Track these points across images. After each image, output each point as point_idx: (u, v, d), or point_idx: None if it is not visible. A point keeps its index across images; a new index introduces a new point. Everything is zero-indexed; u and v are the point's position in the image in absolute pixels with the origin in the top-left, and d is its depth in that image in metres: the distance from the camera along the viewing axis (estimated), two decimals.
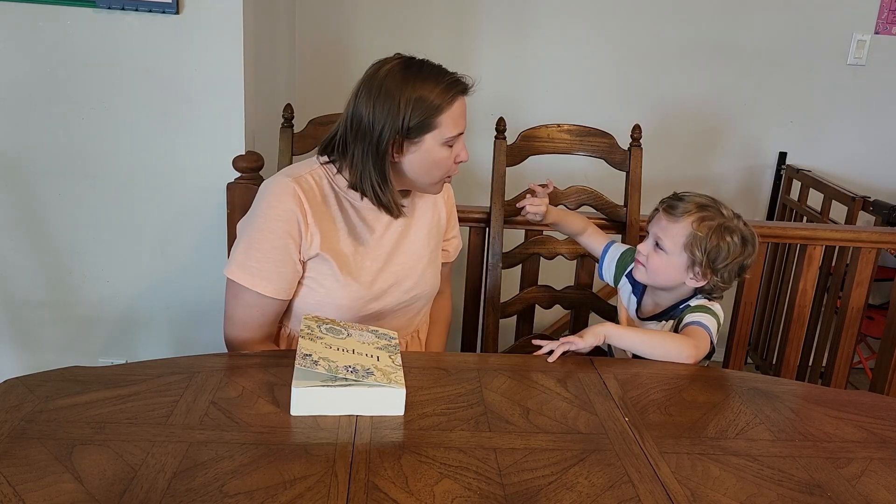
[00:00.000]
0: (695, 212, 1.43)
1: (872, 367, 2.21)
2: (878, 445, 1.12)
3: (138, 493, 0.88)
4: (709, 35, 2.75)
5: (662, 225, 1.45)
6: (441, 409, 1.12)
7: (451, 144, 1.35)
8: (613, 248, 1.65)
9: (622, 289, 1.61)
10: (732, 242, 1.42)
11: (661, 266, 1.45)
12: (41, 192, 1.81)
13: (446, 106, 1.31)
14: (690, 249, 1.41)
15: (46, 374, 1.14)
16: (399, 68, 1.31)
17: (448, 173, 1.40)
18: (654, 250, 1.45)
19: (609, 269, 1.64)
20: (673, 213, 1.44)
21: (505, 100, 2.71)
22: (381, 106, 1.29)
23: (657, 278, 1.47)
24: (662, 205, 1.48)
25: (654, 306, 1.53)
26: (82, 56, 1.72)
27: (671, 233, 1.43)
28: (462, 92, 1.34)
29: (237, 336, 1.37)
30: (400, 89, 1.29)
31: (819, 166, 2.84)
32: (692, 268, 1.43)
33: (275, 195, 1.33)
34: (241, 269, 1.33)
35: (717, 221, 1.42)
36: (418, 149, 1.33)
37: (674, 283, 1.47)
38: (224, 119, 1.77)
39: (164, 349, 1.95)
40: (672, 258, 1.43)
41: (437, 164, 1.36)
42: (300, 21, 2.58)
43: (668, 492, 0.96)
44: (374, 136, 1.30)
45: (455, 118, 1.33)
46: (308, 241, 1.33)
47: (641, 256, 1.47)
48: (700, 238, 1.41)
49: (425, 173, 1.37)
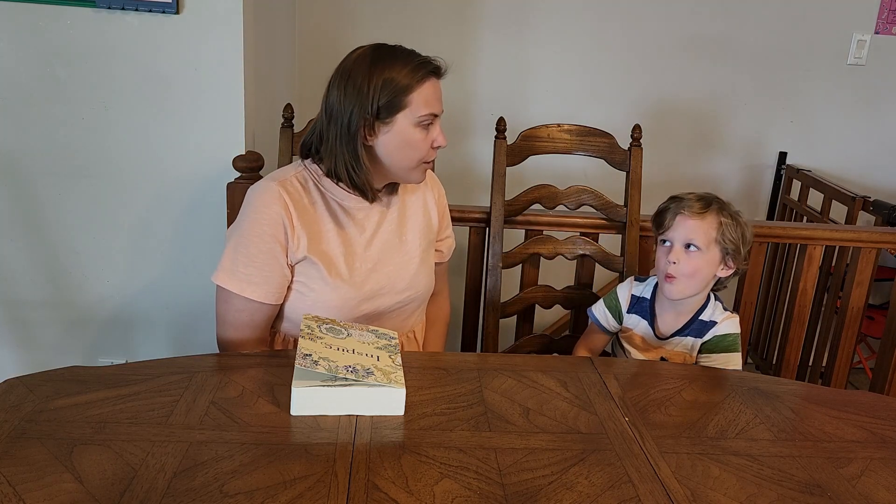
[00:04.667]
0: (713, 204, 1.47)
1: (872, 367, 2.21)
2: (878, 445, 1.12)
3: (138, 493, 0.88)
4: (709, 35, 2.75)
5: (690, 225, 1.45)
6: (441, 409, 1.12)
7: (425, 126, 1.33)
8: (593, 309, 1.63)
9: (629, 322, 1.59)
10: (746, 224, 1.48)
11: (699, 266, 1.45)
12: (41, 192, 1.81)
13: (416, 85, 1.30)
14: (722, 240, 1.45)
15: (46, 374, 1.14)
16: (369, 52, 1.32)
17: (425, 158, 1.37)
18: (687, 253, 1.45)
19: (609, 320, 1.61)
20: (697, 212, 1.46)
21: (505, 100, 2.71)
22: (350, 89, 1.30)
23: (695, 280, 1.46)
24: (676, 209, 1.47)
25: (675, 319, 1.53)
26: (82, 56, 1.71)
27: (702, 230, 1.45)
28: (433, 73, 1.33)
29: (230, 339, 1.37)
30: (369, 71, 1.29)
31: (819, 166, 2.84)
32: (724, 259, 1.47)
33: (260, 200, 1.33)
34: (228, 275, 1.33)
35: (729, 209, 1.48)
36: (390, 130, 1.32)
37: (708, 280, 1.49)
38: (224, 119, 1.77)
39: (164, 349, 1.95)
40: (707, 254, 1.45)
41: (410, 145, 1.34)
42: (300, 21, 2.58)
43: (668, 492, 0.96)
44: (345, 119, 1.31)
45: (426, 98, 1.31)
46: (295, 244, 1.33)
47: (672, 267, 1.45)
48: (729, 225, 1.45)
49: (400, 156, 1.35)
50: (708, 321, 1.51)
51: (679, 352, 1.53)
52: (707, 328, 1.50)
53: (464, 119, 2.69)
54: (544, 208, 1.88)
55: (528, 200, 1.86)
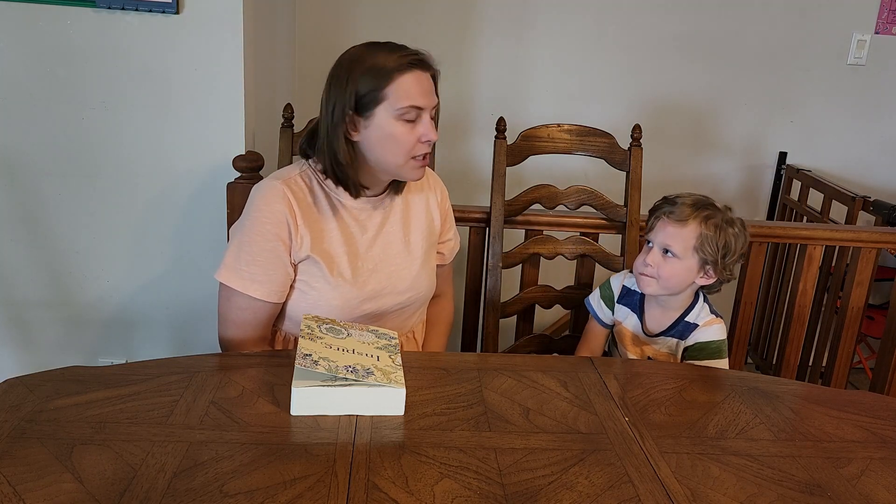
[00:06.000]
0: (698, 212, 1.43)
1: (872, 367, 2.21)
2: (878, 445, 1.12)
3: (138, 493, 0.88)
4: (709, 35, 2.75)
5: (669, 231, 1.44)
6: (441, 408, 1.12)
7: (407, 119, 1.30)
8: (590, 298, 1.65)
9: (620, 313, 1.60)
10: (736, 234, 1.44)
11: (674, 272, 1.45)
12: (41, 192, 1.81)
13: (395, 76, 1.28)
14: (701, 250, 1.42)
15: (46, 374, 1.14)
16: (358, 48, 1.33)
17: (412, 153, 1.32)
18: (664, 258, 1.45)
19: (603, 309, 1.62)
20: (678, 219, 1.43)
21: (505, 100, 2.71)
22: (335, 85, 1.31)
23: (669, 284, 1.46)
24: (661, 212, 1.47)
25: (662, 316, 1.53)
26: (82, 56, 1.71)
27: (680, 238, 1.43)
28: (415, 65, 1.30)
29: (231, 338, 1.37)
30: (351, 66, 1.30)
31: (819, 166, 2.84)
32: (703, 267, 1.45)
33: (264, 198, 1.33)
34: (231, 273, 1.33)
35: (718, 217, 1.44)
36: (370, 124, 1.31)
37: (685, 286, 1.48)
38: (224, 119, 1.77)
39: (164, 349, 1.95)
40: (684, 262, 1.44)
41: (392, 139, 1.30)
42: (300, 21, 2.58)
43: (668, 492, 0.96)
44: (330, 115, 1.31)
45: (405, 89, 1.28)
46: (298, 242, 1.33)
47: (649, 269, 1.46)
48: (709, 237, 1.42)
49: (384, 151, 1.32)
50: (692, 323, 1.50)
51: (664, 353, 1.53)
52: (689, 330, 1.50)
53: (464, 119, 2.69)
54: (544, 208, 1.88)
55: (528, 200, 1.86)
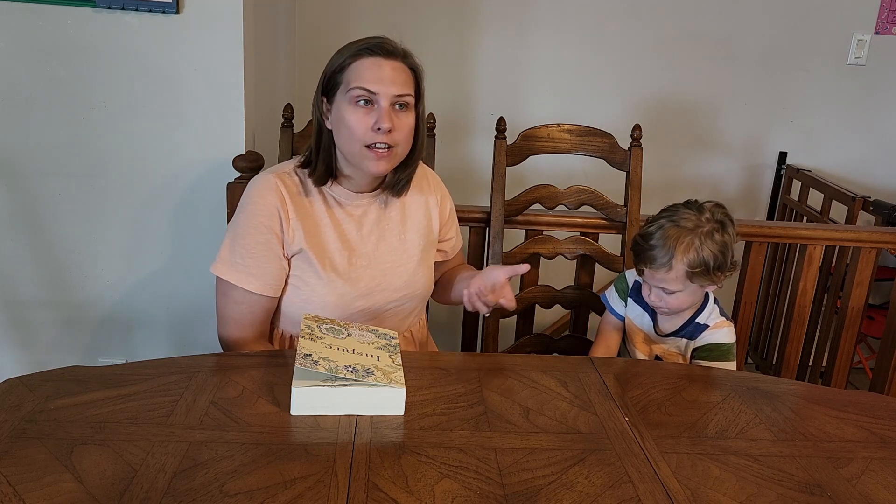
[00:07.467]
0: (675, 248, 1.39)
1: (872, 367, 2.21)
2: (878, 445, 1.12)
3: (138, 493, 0.88)
4: (709, 35, 2.75)
5: (658, 278, 1.43)
6: (441, 408, 1.12)
7: (360, 104, 1.27)
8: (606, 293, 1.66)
9: (631, 311, 1.60)
10: (724, 236, 1.42)
11: (681, 301, 1.46)
12: (41, 192, 1.81)
13: (352, 60, 1.29)
14: (696, 276, 1.41)
15: (46, 373, 1.14)
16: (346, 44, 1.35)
17: (365, 141, 1.28)
18: (666, 294, 1.45)
19: (618, 302, 1.63)
20: (660, 265, 1.41)
21: (505, 100, 2.71)
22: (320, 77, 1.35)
23: (682, 307, 1.49)
24: (641, 260, 1.45)
25: (674, 316, 1.53)
26: (82, 56, 1.71)
27: (671, 279, 1.43)
28: (374, 50, 1.28)
29: (230, 335, 1.37)
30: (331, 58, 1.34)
31: (819, 166, 2.85)
32: (705, 284, 1.45)
33: (257, 191, 1.34)
34: (226, 266, 1.33)
35: (699, 230, 1.40)
36: (333, 110, 1.32)
37: (699, 300, 1.50)
38: (224, 119, 1.77)
39: (164, 349, 1.95)
40: (686, 291, 1.45)
41: (346, 125, 1.28)
42: (300, 21, 2.58)
43: (668, 492, 0.96)
44: (314, 102, 1.36)
45: (360, 73, 1.27)
46: (290, 235, 1.34)
47: (656, 303, 1.48)
48: (697, 262, 1.40)
49: (340, 138, 1.31)
50: (702, 324, 1.51)
51: (673, 352, 1.53)
52: (699, 331, 1.51)
53: (464, 119, 2.69)
54: (544, 208, 1.88)
55: (528, 200, 1.86)
